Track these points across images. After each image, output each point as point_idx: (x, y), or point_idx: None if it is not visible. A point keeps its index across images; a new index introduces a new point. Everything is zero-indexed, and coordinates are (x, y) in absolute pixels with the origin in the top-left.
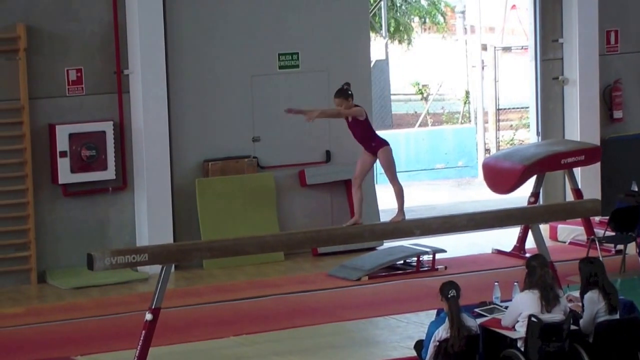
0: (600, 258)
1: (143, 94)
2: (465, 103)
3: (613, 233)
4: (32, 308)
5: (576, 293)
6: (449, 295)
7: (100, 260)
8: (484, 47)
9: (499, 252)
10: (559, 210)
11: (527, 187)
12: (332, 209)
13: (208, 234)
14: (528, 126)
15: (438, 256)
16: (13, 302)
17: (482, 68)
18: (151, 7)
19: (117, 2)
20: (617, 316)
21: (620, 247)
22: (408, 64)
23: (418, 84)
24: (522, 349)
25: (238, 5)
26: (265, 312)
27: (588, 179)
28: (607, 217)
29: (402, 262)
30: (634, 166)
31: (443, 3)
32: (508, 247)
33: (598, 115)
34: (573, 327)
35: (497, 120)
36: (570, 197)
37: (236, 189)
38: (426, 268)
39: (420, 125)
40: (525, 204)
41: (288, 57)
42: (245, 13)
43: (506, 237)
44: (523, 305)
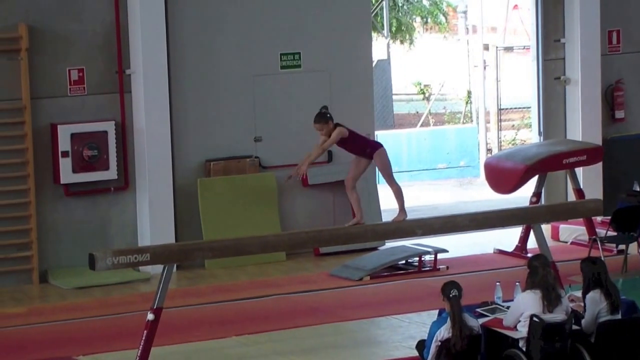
0: (602, 258)
1: (145, 94)
2: (467, 103)
3: (615, 233)
4: (34, 308)
5: (578, 293)
6: (451, 295)
7: (102, 260)
8: (486, 47)
9: (501, 252)
10: (561, 210)
11: (529, 187)
12: (334, 209)
13: (210, 234)
14: (530, 126)
15: (440, 256)
16: (15, 302)
17: (484, 68)
18: (153, 7)
19: (119, 2)
20: (619, 316)
21: (622, 247)
22: (410, 64)
23: (420, 84)
24: (524, 349)
25: (240, 5)
26: (267, 312)
27: (590, 179)
28: (609, 217)
29: (404, 262)
30: (636, 166)
31: (445, 3)
32: (510, 247)
33: (600, 115)
34: (575, 327)
35: (499, 120)
36: (572, 197)
37: (238, 189)
38: (428, 268)
39: (422, 125)
40: (527, 204)
41: (290, 57)
42: (247, 13)
43: (508, 237)
44: (525, 305)
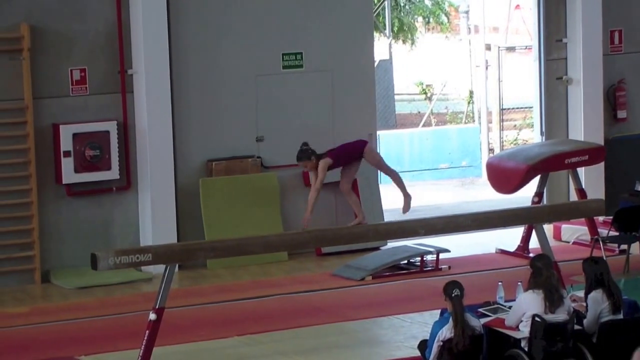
0: (604, 258)
1: (147, 94)
2: (469, 103)
3: (617, 233)
4: (36, 308)
5: (580, 293)
6: (453, 294)
7: (104, 260)
8: (488, 47)
9: (503, 252)
10: (563, 210)
11: (531, 187)
12: (336, 209)
13: (212, 234)
14: (532, 126)
15: (442, 256)
16: (17, 302)
17: (486, 68)
18: (155, 7)
19: (121, 2)
20: (621, 316)
21: (624, 247)
22: (412, 64)
23: (422, 84)
24: (526, 349)
25: (242, 5)
26: (269, 312)
27: (592, 179)
28: (611, 217)
29: (406, 262)
30: (638, 166)
31: (447, 3)
32: (512, 247)
33: (602, 115)
34: (577, 327)
35: (501, 120)
36: (574, 197)
37: (240, 189)
38: (430, 268)
39: (424, 125)
40: (529, 204)
41: (292, 57)
42: (249, 13)
43: (510, 237)
44: (527, 305)
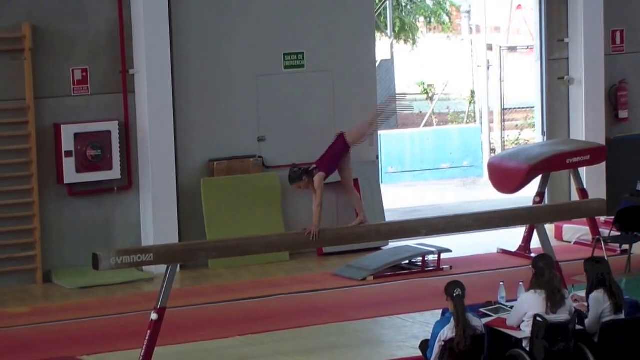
0: (605, 258)
1: (148, 94)
2: (470, 103)
3: (618, 233)
4: (38, 308)
5: (581, 293)
6: (455, 294)
7: (105, 260)
8: (490, 47)
9: (505, 252)
10: (565, 210)
11: (533, 187)
12: (338, 209)
13: (213, 234)
14: (533, 126)
15: (443, 256)
16: (19, 302)
17: (488, 68)
18: (156, 7)
19: (123, 2)
20: (623, 316)
21: (625, 247)
22: (413, 64)
23: (423, 84)
24: (528, 349)
25: (243, 5)
26: (270, 312)
27: (593, 179)
28: (613, 217)
29: (408, 262)
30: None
31: (448, 3)
32: (513, 247)
33: (603, 115)
34: (578, 327)
35: (503, 120)
36: (575, 197)
37: (241, 189)
38: (431, 268)
39: (425, 125)
40: (530, 204)
41: (293, 57)
42: (250, 13)
43: (511, 237)
44: (528, 305)
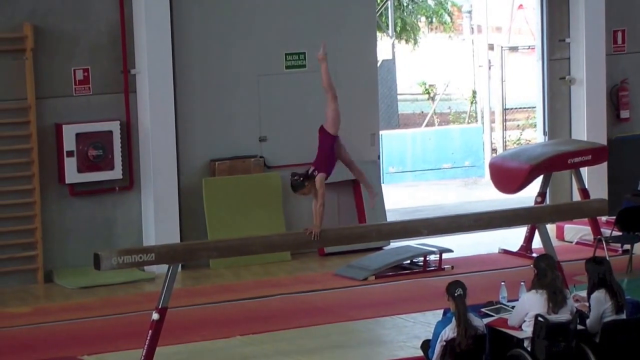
0: (607, 258)
1: (150, 94)
2: (472, 103)
3: (620, 233)
4: (39, 308)
5: (583, 293)
6: (456, 294)
7: (107, 259)
8: (491, 47)
9: (506, 252)
10: (566, 210)
11: (534, 187)
12: (339, 209)
13: (215, 234)
14: (535, 126)
15: (445, 256)
16: (20, 302)
17: (489, 68)
18: (158, 7)
19: (124, 2)
20: (624, 316)
21: (627, 247)
22: (415, 64)
23: (425, 84)
24: (529, 349)
25: (244, 5)
26: (271, 312)
27: (595, 179)
28: (614, 217)
29: (409, 262)
30: None
31: (450, 3)
32: (515, 247)
33: (605, 114)
34: (580, 327)
35: (504, 120)
36: (577, 197)
37: (243, 189)
38: (433, 268)
39: (427, 125)
40: (532, 204)
41: (295, 57)
42: (252, 13)
43: (513, 237)
44: (530, 305)
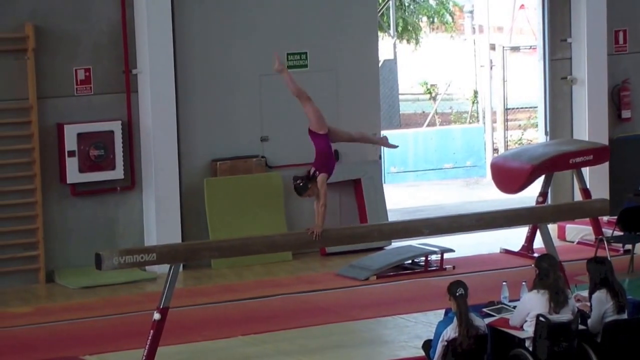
0: (608, 258)
1: (151, 94)
2: (473, 103)
3: (621, 233)
4: (41, 307)
5: (584, 293)
6: (457, 294)
7: (108, 259)
8: (492, 47)
9: (507, 252)
10: (567, 210)
11: (536, 187)
12: (341, 209)
13: (216, 234)
14: (536, 126)
15: (446, 256)
16: (22, 302)
17: (491, 68)
18: (160, 7)
19: (126, 2)
20: (625, 316)
21: (628, 247)
22: (416, 64)
23: (426, 84)
24: (530, 349)
25: (246, 4)
26: (273, 312)
27: (596, 179)
28: (616, 217)
29: (410, 262)
30: None
31: (451, 3)
32: (516, 247)
33: (606, 114)
34: (581, 327)
35: (506, 120)
36: (578, 197)
37: (244, 189)
38: (434, 268)
39: (428, 125)
40: (533, 204)
41: (296, 57)
42: (253, 12)
43: (514, 237)
44: (531, 305)
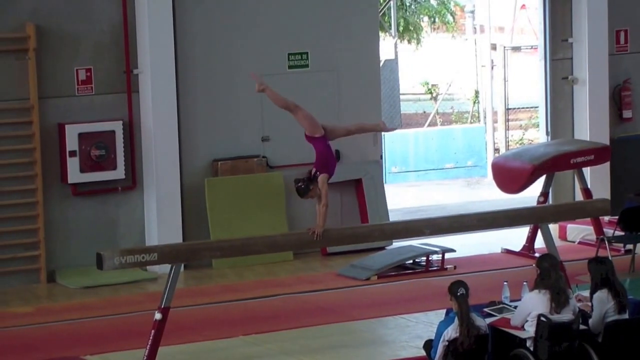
0: (609, 258)
1: (152, 94)
2: (474, 103)
3: (622, 233)
4: (42, 307)
5: (585, 293)
6: (458, 293)
7: (109, 259)
8: (494, 47)
9: (508, 252)
10: (569, 209)
11: (537, 187)
12: (342, 209)
13: (217, 234)
14: (537, 126)
15: (447, 256)
16: (23, 302)
17: (492, 68)
18: (161, 7)
19: (127, 2)
20: (627, 316)
21: (629, 247)
22: (417, 64)
23: (427, 84)
24: (532, 349)
25: (247, 4)
26: (274, 312)
27: (597, 179)
28: (617, 217)
29: (412, 262)
30: None
31: (452, 2)
32: (517, 247)
33: (607, 114)
34: (582, 327)
35: (507, 119)
36: (579, 197)
37: (245, 189)
38: (435, 268)
39: (429, 124)
40: (534, 204)
41: (297, 57)
42: (254, 12)
43: (515, 237)
44: (532, 305)
